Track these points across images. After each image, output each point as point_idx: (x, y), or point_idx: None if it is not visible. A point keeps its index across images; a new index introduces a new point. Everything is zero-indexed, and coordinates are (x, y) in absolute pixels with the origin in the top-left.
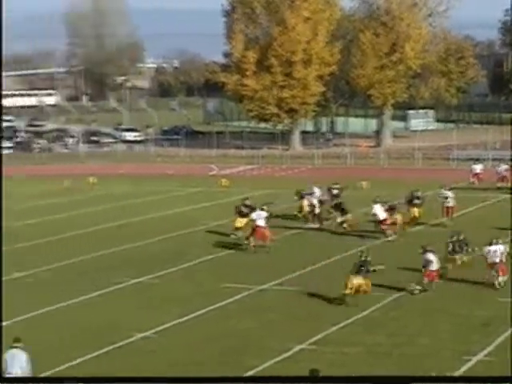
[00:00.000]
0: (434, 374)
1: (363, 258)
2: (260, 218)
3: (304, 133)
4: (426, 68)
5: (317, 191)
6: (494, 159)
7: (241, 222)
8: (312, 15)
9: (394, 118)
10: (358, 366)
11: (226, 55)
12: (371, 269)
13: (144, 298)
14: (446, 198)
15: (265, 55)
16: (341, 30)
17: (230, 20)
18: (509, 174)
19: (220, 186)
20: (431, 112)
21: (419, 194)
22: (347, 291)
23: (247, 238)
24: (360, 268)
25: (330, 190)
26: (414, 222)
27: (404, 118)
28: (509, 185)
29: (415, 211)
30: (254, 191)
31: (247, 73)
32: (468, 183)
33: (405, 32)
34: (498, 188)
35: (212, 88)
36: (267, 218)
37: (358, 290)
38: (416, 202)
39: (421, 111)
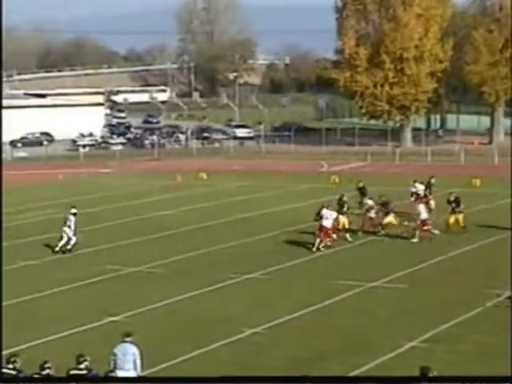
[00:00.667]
0: None
1: None
2: (328, 218)
3: (415, 130)
4: None
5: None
6: None
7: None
8: (424, 12)
9: (506, 114)
10: (469, 365)
11: (338, 51)
12: None
13: (256, 294)
14: None
15: (376, 52)
16: (453, 27)
17: (341, 16)
18: None
19: (330, 182)
20: None
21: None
22: None
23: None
24: None
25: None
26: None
27: None
28: None
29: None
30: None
31: (358, 69)
32: None
33: None
34: None
35: (323, 84)
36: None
37: None
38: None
39: None
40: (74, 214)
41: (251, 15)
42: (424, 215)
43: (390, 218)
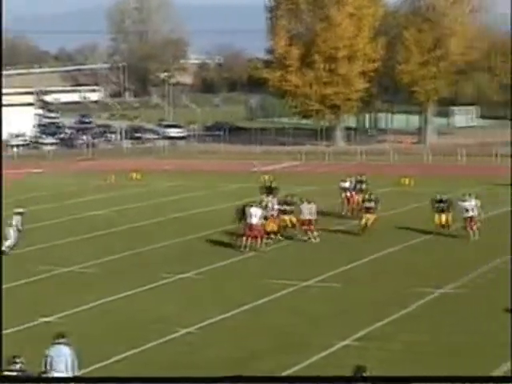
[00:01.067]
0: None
1: None
2: (256, 216)
3: (347, 129)
4: (469, 64)
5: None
6: None
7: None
8: (356, 11)
9: (437, 114)
10: (401, 363)
11: (269, 51)
12: None
13: (189, 294)
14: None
15: (308, 51)
16: (385, 26)
17: (273, 16)
18: None
19: (265, 181)
20: (474, 108)
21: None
22: None
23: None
24: None
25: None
26: None
27: (447, 115)
28: None
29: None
30: (297, 188)
31: (290, 69)
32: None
33: (449, 28)
34: None
35: (255, 84)
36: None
37: None
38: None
39: (464, 108)
40: (19, 214)
41: (184, 14)
42: (307, 216)
43: (286, 219)
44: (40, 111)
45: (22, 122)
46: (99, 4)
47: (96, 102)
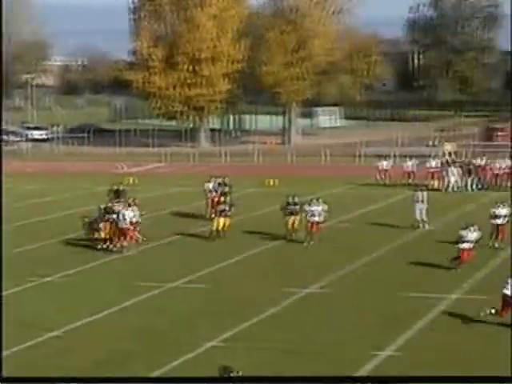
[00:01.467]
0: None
1: None
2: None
3: (211, 130)
4: (332, 65)
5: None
6: (400, 156)
7: None
8: (220, 12)
9: (301, 115)
10: (269, 363)
11: (133, 53)
12: None
13: (55, 297)
14: None
15: (172, 53)
16: (249, 28)
17: (136, 17)
18: (415, 170)
19: (129, 184)
20: (338, 109)
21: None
22: None
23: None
24: None
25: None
26: None
27: (311, 115)
28: (415, 181)
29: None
30: (163, 189)
31: (154, 70)
32: (374, 179)
33: (311, 29)
34: (406, 184)
35: (119, 86)
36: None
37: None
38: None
39: (327, 108)
40: None
41: (49, 15)
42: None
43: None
44: None
45: None
46: None
47: None
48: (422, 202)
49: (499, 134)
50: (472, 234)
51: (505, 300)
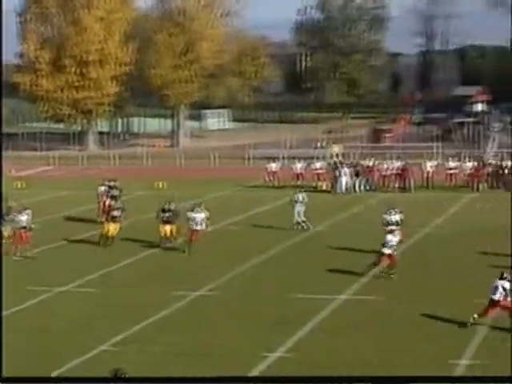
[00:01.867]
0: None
1: None
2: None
3: (100, 133)
4: (220, 68)
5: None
6: (289, 157)
7: None
8: (106, 15)
9: (189, 117)
10: (161, 364)
11: (20, 55)
12: None
13: None
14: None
15: (59, 55)
16: (136, 30)
17: (23, 19)
18: (304, 172)
19: (17, 187)
20: (226, 111)
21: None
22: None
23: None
24: None
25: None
26: None
27: (200, 118)
28: (304, 183)
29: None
30: (52, 193)
31: (41, 73)
32: (263, 182)
33: (199, 32)
34: (295, 186)
35: (7, 89)
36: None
37: None
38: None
39: (216, 111)
40: None
41: None
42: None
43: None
44: None
45: None
46: None
47: None
48: (302, 203)
49: (386, 135)
50: (395, 238)
51: (492, 304)
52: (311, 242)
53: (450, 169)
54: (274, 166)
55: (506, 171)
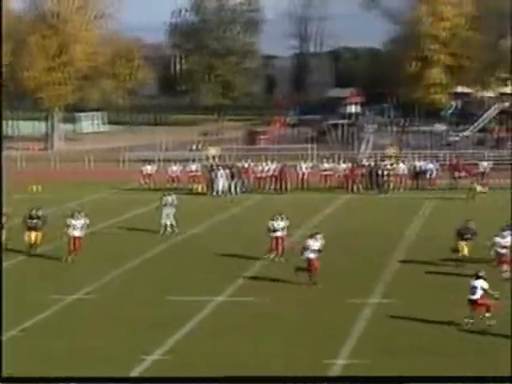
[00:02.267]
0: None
1: None
2: None
3: None
4: (95, 70)
5: None
6: (164, 160)
7: None
8: None
9: (64, 120)
10: (39, 369)
11: None
12: None
13: None
14: None
15: None
16: (10, 32)
17: None
18: (180, 174)
19: None
20: (101, 114)
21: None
22: None
23: None
24: None
25: None
26: None
27: (74, 121)
28: (180, 185)
29: None
30: None
31: None
32: (139, 184)
33: (73, 34)
34: (171, 189)
35: None
36: None
37: None
38: None
39: (90, 113)
40: None
41: None
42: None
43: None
44: None
45: None
46: None
47: None
48: (171, 205)
49: (261, 137)
50: (317, 242)
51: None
52: (188, 244)
53: (325, 170)
54: (149, 168)
55: (380, 172)
